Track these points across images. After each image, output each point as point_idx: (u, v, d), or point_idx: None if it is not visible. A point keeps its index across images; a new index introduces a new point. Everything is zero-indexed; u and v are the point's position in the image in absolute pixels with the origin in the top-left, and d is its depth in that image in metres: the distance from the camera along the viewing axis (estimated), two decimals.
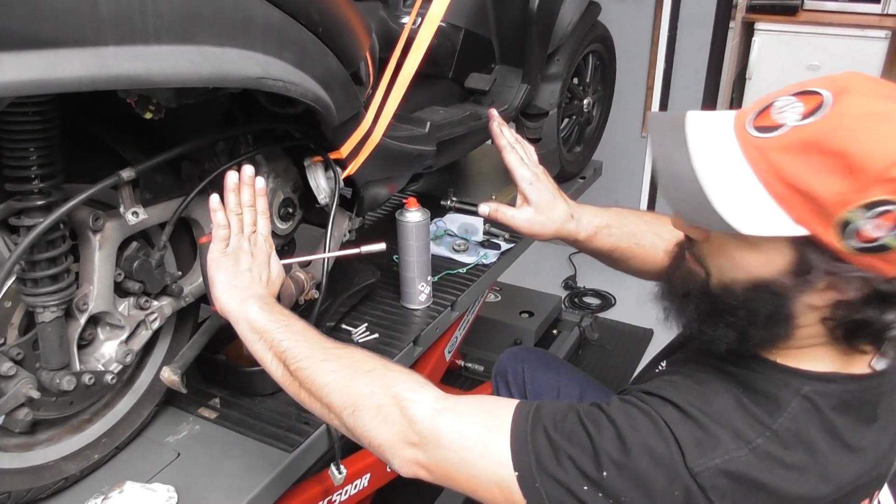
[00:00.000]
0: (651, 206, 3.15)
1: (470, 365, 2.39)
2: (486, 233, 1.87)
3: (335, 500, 1.35)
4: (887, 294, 0.70)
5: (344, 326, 1.48)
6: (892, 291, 0.70)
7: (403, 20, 1.53)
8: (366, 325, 1.47)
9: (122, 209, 0.95)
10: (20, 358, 0.93)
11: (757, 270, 0.75)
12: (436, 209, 1.96)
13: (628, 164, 3.09)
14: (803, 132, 0.69)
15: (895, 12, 3.57)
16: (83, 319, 0.97)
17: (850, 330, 0.75)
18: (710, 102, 2.91)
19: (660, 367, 1.01)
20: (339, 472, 1.23)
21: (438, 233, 1.85)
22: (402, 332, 1.47)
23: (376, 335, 1.45)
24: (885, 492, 0.92)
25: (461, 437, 0.81)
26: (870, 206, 0.65)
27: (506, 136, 1.22)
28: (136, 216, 0.97)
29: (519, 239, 1.87)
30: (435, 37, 1.66)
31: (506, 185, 2.23)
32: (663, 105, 2.94)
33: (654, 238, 1.17)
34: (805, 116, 0.70)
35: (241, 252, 0.99)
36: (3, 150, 0.84)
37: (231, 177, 0.99)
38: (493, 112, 1.23)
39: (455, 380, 2.38)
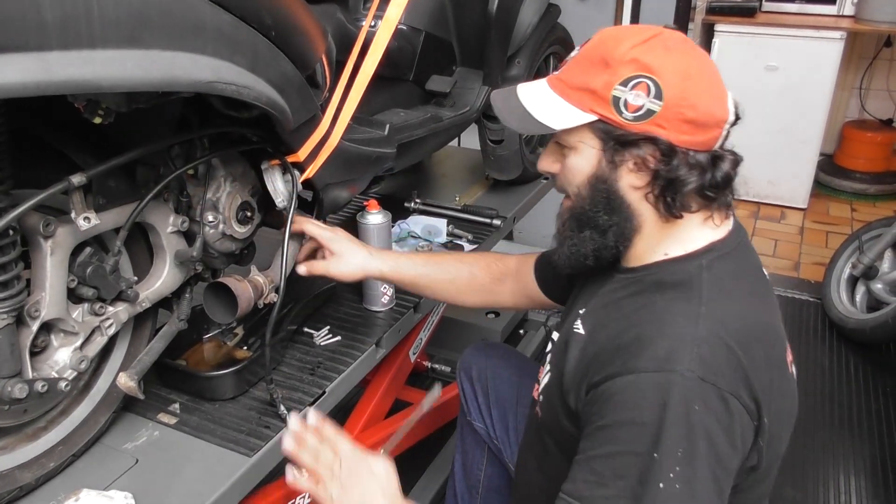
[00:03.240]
0: None
1: (437, 366, 2.40)
2: (449, 234, 1.88)
3: (299, 502, 1.35)
4: (671, 151, 0.90)
5: (306, 329, 1.48)
6: (672, 148, 0.90)
7: (362, 22, 1.54)
8: (328, 327, 1.47)
9: (73, 215, 0.94)
10: None
11: (585, 167, 0.97)
12: (400, 211, 1.98)
13: None
14: (579, 54, 0.97)
15: (850, 13, 3.67)
16: (35, 326, 0.96)
17: (666, 199, 0.93)
18: None
19: (577, 311, 1.08)
20: (302, 475, 1.22)
21: (402, 235, 1.86)
22: (364, 334, 1.47)
23: (339, 338, 1.45)
24: None
25: None
26: (625, 81, 0.89)
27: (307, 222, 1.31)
28: (87, 221, 0.96)
29: (482, 239, 1.88)
30: (395, 39, 1.67)
31: (469, 186, 2.25)
32: None
33: (459, 265, 1.40)
34: (580, 48, 0.98)
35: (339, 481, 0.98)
36: None
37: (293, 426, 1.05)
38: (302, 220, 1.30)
39: (423, 381, 2.38)
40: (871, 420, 2.29)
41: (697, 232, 0.98)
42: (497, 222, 1.95)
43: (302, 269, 1.29)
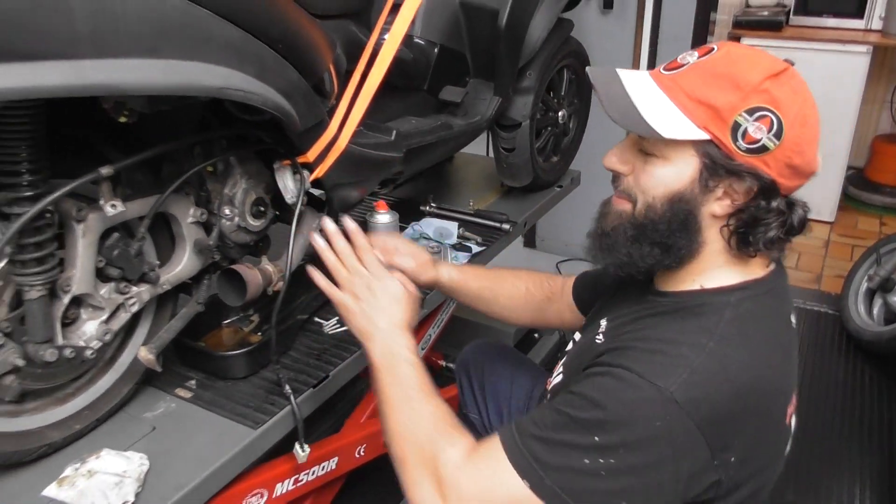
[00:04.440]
0: None
1: (451, 365, 2.49)
2: (459, 237, 1.98)
3: (302, 479, 1.45)
4: (769, 191, 0.90)
5: (317, 319, 1.59)
6: (772, 189, 0.90)
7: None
8: (337, 318, 1.59)
9: (101, 202, 1.08)
10: (9, 331, 1.05)
11: (672, 183, 0.93)
12: (415, 214, 2.09)
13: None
14: (701, 64, 0.92)
15: (877, 28, 3.67)
16: (66, 299, 1.09)
17: (742, 235, 0.92)
18: None
19: (601, 323, 1.09)
20: (303, 450, 1.34)
21: (415, 236, 1.97)
22: None
23: (346, 327, 1.56)
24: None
25: (476, 486, 0.91)
26: (752, 111, 0.87)
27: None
28: (114, 208, 1.09)
29: (491, 243, 1.98)
30: (411, 52, 1.80)
31: (484, 192, 2.35)
32: None
33: (516, 281, 1.44)
34: (701, 57, 0.93)
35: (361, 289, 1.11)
36: None
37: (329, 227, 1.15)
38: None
39: (437, 379, 2.47)
40: (883, 431, 2.30)
41: (738, 269, 0.97)
42: (506, 227, 2.04)
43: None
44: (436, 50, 1.86)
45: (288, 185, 1.32)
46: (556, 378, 1.18)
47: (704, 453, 0.86)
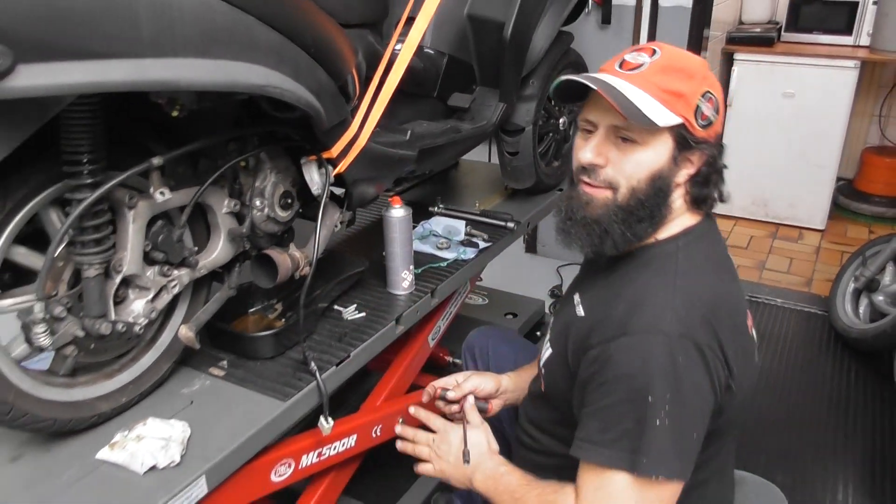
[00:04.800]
0: None
1: (458, 361, 2.60)
2: (467, 234, 2.10)
3: (325, 453, 1.56)
4: (714, 156, 1.13)
5: (336, 307, 1.71)
6: (716, 154, 1.14)
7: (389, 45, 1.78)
8: (355, 305, 1.70)
9: (151, 189, 1.19)
10: (68, 306, 1.16)
11: (653, 164, 1.11)
12: (425, 214, 2.21)
13: None
14: (658, 62, 1.11)
15: (865, 44, 3.82)
16: (118, 279, 1.21)
17: (696, 196, 1.14)
18: None
19: (574, 298, 1.26)
20: (328, 423, 1.44)
21: (425, 233, 2.09)
22: (386, 312, 1.70)
23: (364, 314, 1.68)
24: None
25: None
26: (704, 94, 1.09)
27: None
28: (163, 195, 1.21)
29: (496, 240, 2.10)
30: (422, 61, 1.93)
31: (489, 195, 2.47)
32: None
33: None
34: (652, 57, 1.12)
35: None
36: (62, 140, 1.08)
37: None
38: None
39: (444, 373, 2.58)
40: (867, 421, 2.41)
41: (679, 221, 1.17)
42: (511, 225, 2.16)
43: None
44: (445, 59, 1.98)
45: (314, 178, 1.44)
46: (546, 353, 1.33)
47: (718, 363, 1.04)
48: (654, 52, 1.12)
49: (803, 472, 2.19)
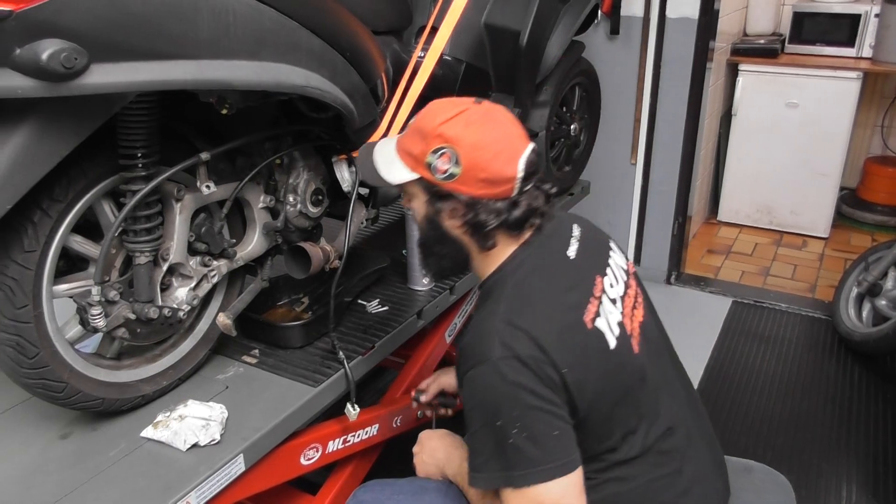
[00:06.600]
0: (640, 225, 3.45)
1: None
2: None
3: (350, 440, 1.63)
4: (474, 203, 1.14)
5: (360, 301, 1.78)
6: (473, 202, 1.14)
7: (412, 52, 1.87)
8: (378, 300, 1.78)
9: (198, 182, 1.28)
10: (120, 291, 1.24)
11: (420, 211, 1.20)
12: None
13: (619, 188, 3.40)
14: (411, 124, 1.19)
15: (868, 56, 3.90)
16: (165, 267, 1.29)
17: (477, 235, 1.17)
18: (690, 134, 3.23)
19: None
20: (354, 409, 1.52)
21: None
22: (407, 306, 1.77)
23: (386, 308, 1.75)
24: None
25: None
26: (434, 151, 1.12)
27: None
28: (208, 189, 1.29)
29: None
30: (441, 68, 2.01)
31: None
32: (650, 135, 3.26)
33: None
34: (415, 117, 1.19)
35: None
36: (119, 135, 1.16)
37: None
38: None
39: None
40: (870, 421, 2.47)
41: (508, 244, 1.20)
42: None
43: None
44: (462, 66, 2.07)
45: (345, 175, 1.52)
46: None
47: (545, 367, 1.07)
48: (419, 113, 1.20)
49: (808, 470, 2.26)
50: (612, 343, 1.17)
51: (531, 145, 1.16)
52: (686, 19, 3.04)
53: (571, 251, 1.23)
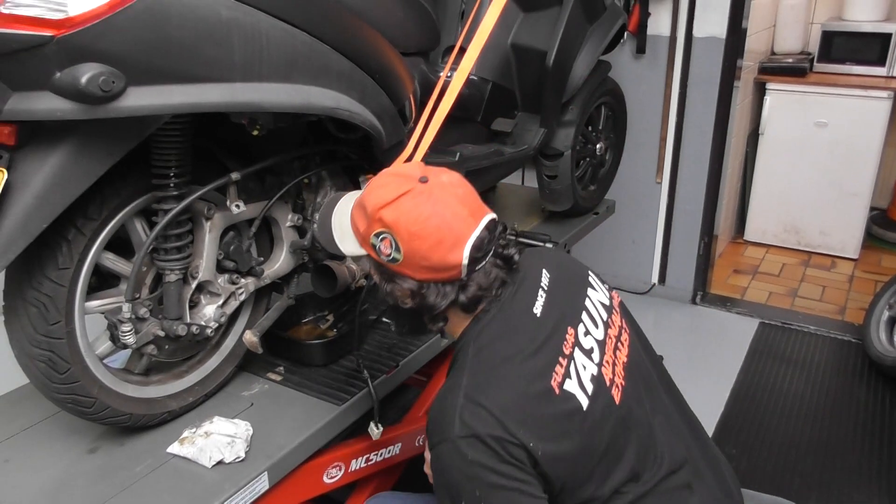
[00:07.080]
0: (666, 244, 3.42)
1: None
2: None
3: (372, 459, 1.63)
4: (420, 287, 1.09)
5: (384, 320, 1.79)
6: (419, 287, 1.09)
7: (440, 73, 1.88)
8: None
9: (228, 202, 1.29)
10: (150, 308, 1.26)
11: (377, 280, 1.16)
12: None
13: (645, 207, 3.38)
14: (358, 199, 1.13)
15: None
16: (194, 284, 1.31)
17: (428, 315, 1.14)
18: (717, 152, 3.21)
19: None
20: (378, 429, 1.52)
21: None
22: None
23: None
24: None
25: None
26: (377, 234, 1.08)
27: None
28: (238, 208, 1.30)
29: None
30: (467, 88, 2.02)
31: (526, 217, 2.55)
32: (675, 154, 3.25)
33: None
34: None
35: None
36: (153, 155, 1.18)
37: None
38: None
39: None
40: None
41: (466, 319, 1.16)
42: (550, 245, 2.23)
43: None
44: (489, 86, 2.08)
45: None
46: None
47: (507, 445, 1.03)
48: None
49: (839, 497, 2.21)
50: (585, 403, 1.10)
51: (482, 224, 1.08)
52: (713, 38, 3.03)
53: (538, 307, 1.16)
